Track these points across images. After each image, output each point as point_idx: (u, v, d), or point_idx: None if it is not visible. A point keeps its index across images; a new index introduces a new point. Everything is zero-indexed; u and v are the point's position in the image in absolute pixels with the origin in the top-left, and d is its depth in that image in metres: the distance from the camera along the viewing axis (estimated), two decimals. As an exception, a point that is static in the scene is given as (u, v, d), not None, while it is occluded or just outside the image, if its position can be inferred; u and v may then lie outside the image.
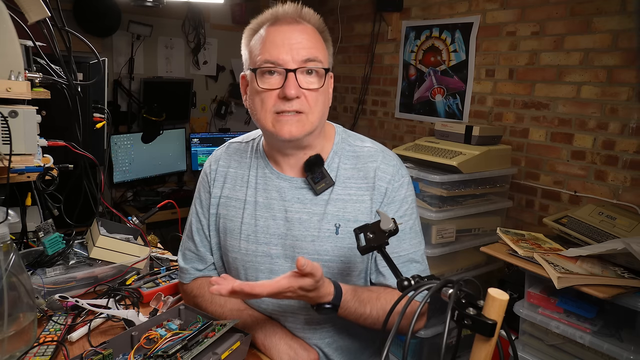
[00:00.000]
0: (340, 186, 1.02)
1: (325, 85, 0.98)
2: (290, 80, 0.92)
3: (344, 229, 1.00)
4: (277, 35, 0.94)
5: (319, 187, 1.00)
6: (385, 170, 1.03)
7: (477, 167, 2.19)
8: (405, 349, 0.61)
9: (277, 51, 0.93)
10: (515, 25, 2.46)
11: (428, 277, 0.77)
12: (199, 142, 3.69)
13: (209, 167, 1.13)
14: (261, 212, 1.04)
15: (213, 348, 0.90)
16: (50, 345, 0.98)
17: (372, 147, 1.08)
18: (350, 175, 1.03)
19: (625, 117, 2.06)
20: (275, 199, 1.04)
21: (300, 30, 0.95)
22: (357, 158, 1.05)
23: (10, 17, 1.09)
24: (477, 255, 2.27)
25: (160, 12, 3.37)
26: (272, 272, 1.03)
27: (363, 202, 1.02)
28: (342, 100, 3.77)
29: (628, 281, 1.49)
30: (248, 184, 1.07)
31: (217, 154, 1.16)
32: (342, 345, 1.07)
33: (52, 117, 1.30)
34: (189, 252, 1.16)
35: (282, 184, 1.04)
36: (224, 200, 1.09)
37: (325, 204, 1.01)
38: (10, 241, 0.95)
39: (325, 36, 1.02)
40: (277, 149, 1.04)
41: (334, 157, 1.05)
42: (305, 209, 1.02)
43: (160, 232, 2.48)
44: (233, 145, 1.15)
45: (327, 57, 1.00)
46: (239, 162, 1.11)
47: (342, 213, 1.01)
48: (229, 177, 1.10)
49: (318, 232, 1.00)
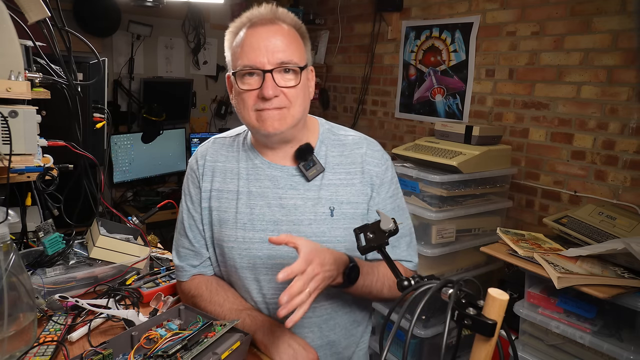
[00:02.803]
0: (330, 172, 1.09)
1: (303, 81, 1.03)
2: (267, 81, 0.97)
3: (338, 211, 1.07)
4: (253, 38, 0.99)
5: (310, 173, 1.07)
6: (373, 155, 1.12)
7: (477, 167, 2.19)
8: (405, 349, 0.61)
9: (254, 55, 0.98)
10: (515, 25, 2.46)
11: (428, 277, 0.77)
12: (199, 142, 3.69)
13: (196, 163, 1.15)
14: (255, 200, 1.08)
15: (213, 348, 0.90)
16: (50, 345, 0.98)
17: (355, 135, 1.16)
18: (339, 162, 1.10)
19: (625, 117, 2.06)
20: (268, 188, 1.08)
21: (275, 32, 1.00)
22: (344, 146, 1.13)
23: (10, 17, 1.09)
24: (477, 255, 2.27)
25: (160, 12, 3.38)
26: (269, 257, 1.06)
27: (353, 185, 1.09)
28: (342, 100, 3.77)
29: (628, 281, 1.49)
30: (239, 176, 1.10)
31: (202, 149, 1.18)
32: (339, 322, 1.11)
33: (52, 117, 1.30)
34: (182, 249, 1.16)
35: (275, 173, 1.09)
36: (215, 193, 1.11)
37: (318, 189, 1.07)
38: (10, 241, 0.95)
39: (302, 33, 1.06)
40: (264, 144, 1.10)
41: (321, 146, 1.11)
42: (299, 195, 1.07)
43: (160, 232, 2.48)
44: (218, 141, 1.18)
45: (304, 54, 1.05)
46: (226, 156, 1.14)
47: (335, 196, 1.07)
48: (217, 171, 1.12)
49: (314, 216, 1.06)
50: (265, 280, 1.07)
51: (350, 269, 0.98)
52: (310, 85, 1.08)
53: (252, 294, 1.09)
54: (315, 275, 0.87)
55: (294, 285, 0.84)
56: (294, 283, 0.84)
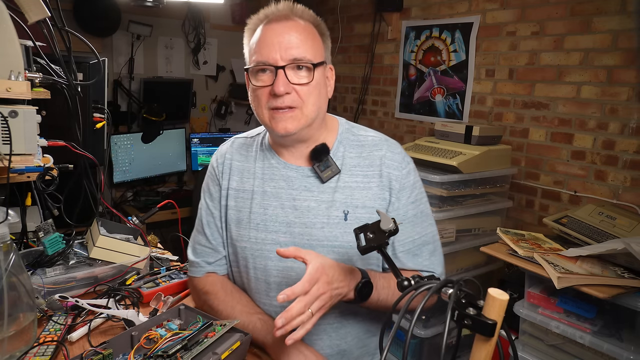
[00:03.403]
0: (347, 174, 1.05)
1: (318, 79, 0.99)
2: (279, 78, 0.95)
3: (352, 215, 1.02)
4: (268, 34, 0.98)
5: (325, 174, 1.03)
6: (392, 157, 1.07)
7: (477, 167, 2.19)
8: (405, 349, 0.61)
9: (268, 50, 0.96)
10: (515, 25, 2.46)
11: (428, 277, 0.77)
12: (199, 142, 3.69)
13: (216, 162, 1.16)
14: (269, 201, 1.06)
15: (213, 348, 0.90)
16: (50, 345, 0.98)
17: (375, 136, 1.11)
18: (356, 164, 1.06)
19: (625, 117, 2.06)
20: (282, 188, 1.06)
21: (291, 28, 0.98)
22: (362, 147, 1.08)
23: (10, 17, 1.09)
24: (477, 255, 2.27)
25: (160, 12, 3.37)
26: (280, 259, 1.03)
27: (370, 189, 1.04)
28: (342, 100, 3.77)
29: (628, 281, 1.49)
30: (255, 175, 1.10)
31: (222, 149, 1.18)
32: (350, 331, 1.07)
33: (52, 117, 1.30)
34: (199, 246, 1.16)
35: (289, 173, 1.07)
36: (232, 192, 1.11)
37: (332, 191, 1.04)
38: (10, 241, 0.95)
39: (321, 30, 1.04)
40: (280, 143, 1.08)
41: (339, 146, 1.08)
42: (313, 197, 1.04)
43: (160, 232, 2.48)
44: (238, 141, 1.18)
45: (322, 50, 1.02)
46: (245, 155, 1.14)
47: (350, 200, 1.03)
48: (234, 170, 1.12)
49: (327, 219, 1.02)
50: (275, 283, 1.05)
51: (362, 285, 0.93)
52: (329, 83, 1.06)
53: (261, 297, 1.08)
54: (320, 295, 0.84)
55: (294, 308, 0.81)
56: (293, 305, 0.81)
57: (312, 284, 0.84)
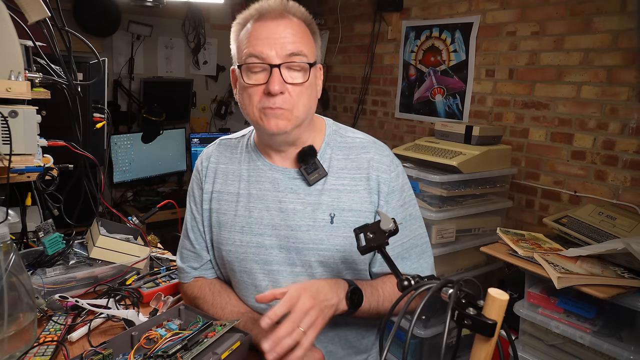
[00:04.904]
0: (334, 176, 1.03)
1: (311, 79, 0.98)
2: (274, 76, 0.93)
3: (338, 218, 1.01)
4: (261, 30, 0.95)
5: (312, 177, 1.01)
6: (380, 160, 1.05)
7: (477, 167, 2.19)
8: (405, 349, 0.61)
9: (262, 46, 0.93)
10: (515, 25, 2.46)
11: (428, 277, 0.77)
12: (199, 142, 3.69)
13: (201, 164, 1.14)
14: (255, 203, 1.05)
15: (213, 348, 0.90)
16: (50, 345, 0.98)
17: (363, 138, 1.09)
18: (343, 166, 1.04)
19: (625, 117, 2.06)
20: (268, 190, 1.04)
21: (285, 25, 0.95)
22: (350, 149, 1.06)
23: (10, 17, 1.09)
24: (477, 255, 2.27)
25: (160, 12, 3.38)
26: (266, 262, 1.03)
27: (357, 192, 1.03)
28: (342, 100, 3.77)
29: (628, 281, 1.49)
30: (240, 178, 1.08)
31: (208, 151, 1.16)
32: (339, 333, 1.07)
33: (52, 117, 1.30)
34: (185, 250, 1.16)
35: (275, 175, 1.05)
36: (216, 195, 1.09)
37: (319, 194, 1.02)
38: (10, 241, 0.95)
39: (313, 29, 1.02)
40: (268, 144, 1.06)
41: (326, 148, 1.06)
42: (299, 199, 1.02)
43: (160, 232, 2.47)
44: (224, 142, 1.16)
45: (314, 50, 1.00)
46: (230, 157, 1.12)
47: (337, 203, 1.02)
48: (219, 173, 1.10)
49: (313, 222, 1.01)
50: (262, 287, 1.04)
51: (351, 292, 0.93)
52: (318, 84, 1.04)
53: (250, 299, 1.07)
54: (308, 310, 0.82)
55: (281, 329, 0.78)
56: (281, 326, 0.79)
57: (292, 302, 0.82)
